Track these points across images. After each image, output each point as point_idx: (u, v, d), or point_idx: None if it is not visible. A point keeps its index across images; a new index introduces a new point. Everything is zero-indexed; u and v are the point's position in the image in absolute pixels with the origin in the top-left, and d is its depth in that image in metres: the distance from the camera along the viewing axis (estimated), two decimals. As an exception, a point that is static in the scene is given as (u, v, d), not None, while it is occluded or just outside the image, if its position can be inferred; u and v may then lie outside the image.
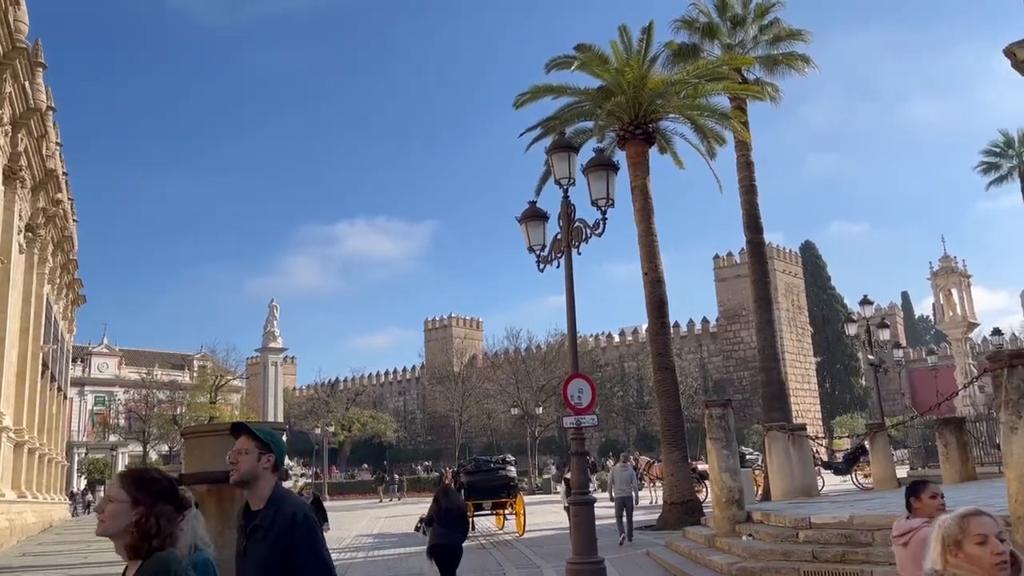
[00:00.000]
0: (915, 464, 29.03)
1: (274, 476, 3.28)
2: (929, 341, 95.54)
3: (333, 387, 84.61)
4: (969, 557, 2.60)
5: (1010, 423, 8.57)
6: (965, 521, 2.67)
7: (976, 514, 2.68)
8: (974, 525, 2.64)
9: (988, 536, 2.61)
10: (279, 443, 3.34)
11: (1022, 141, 41.05)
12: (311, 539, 3.15)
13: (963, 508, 2.76)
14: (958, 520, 2.69)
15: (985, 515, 2.68)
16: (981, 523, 2.64)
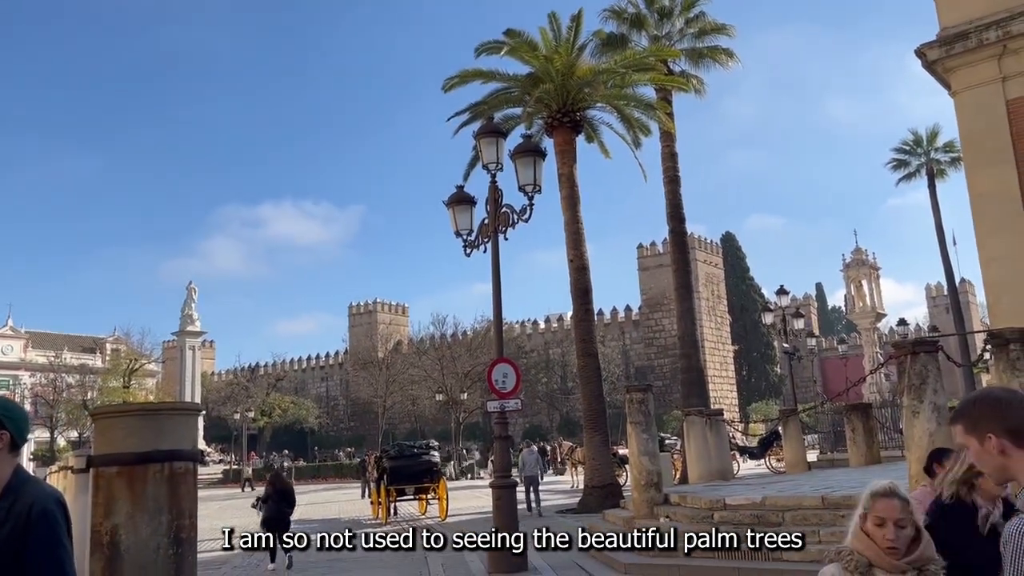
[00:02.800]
0: (824, 449, 30.23)
1: (12, 458, 2.64)
2: (841, 331, 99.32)
3: (253, 372, 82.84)
4: (865, 531, 2.70)
5: (912, 407, 9.00)
6: (873, 499, 2.74)
7: (884, 495, 2.73)
8: (879, 506, 2.71)
9: (886, 520, 2.68)
10: (15, 415, 2.70)
11: (930, 140, 42.86)
12: (48, 538, 2.54)
13: (879, 485, 2.80)
14: (869, 497, 2.75)
15: (895, 498, 2.72)
16: (885, 505, 2.70)
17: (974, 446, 2.06)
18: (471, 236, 13.36)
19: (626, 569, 10.67)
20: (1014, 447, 1.99)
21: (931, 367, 9.07)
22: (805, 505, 10.47)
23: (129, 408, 6.02)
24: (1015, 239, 12.63)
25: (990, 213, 12.98)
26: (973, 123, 13.37)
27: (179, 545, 4.49)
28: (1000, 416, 2.02)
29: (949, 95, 13.92)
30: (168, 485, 4.52)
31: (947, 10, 13.77)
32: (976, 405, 2.10)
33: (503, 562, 11.47)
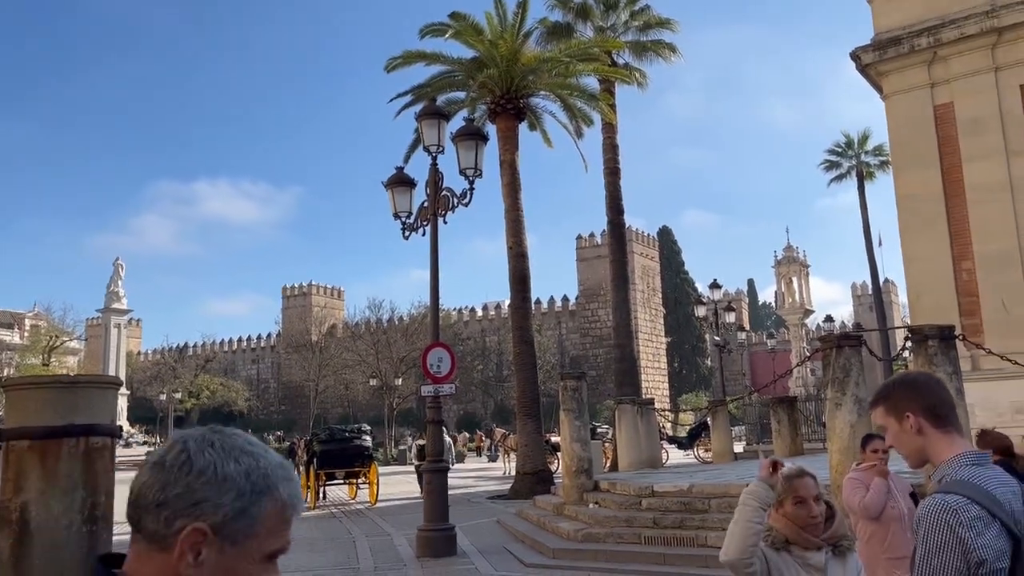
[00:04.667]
0: (751, 440, 31.05)
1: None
2: (770, 326, 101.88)
3: (182, 353, 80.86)
4: (788, 514, 2.83)
5: (835, 399, 9.26)
6: (788, 482, 2.90)
7: (799, 476, 2.91)
8: (795, 486, 2.87)
9: (806, 499, 2.85)
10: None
11: (861, 143, 44.19)
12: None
13: (789, 467, 2.98)
14: (784, 480, 2.90)
15: (807, 477, 2.91)
16: (803, 484, 2.88)
17: (893, 426, 2.11)
18: (410, 219, 13.22)
19: (554, 554, 10.75)
20: (931, 426, 2.05)
21: (854, 361, 9.34)
22: (731, 493, 10.70)
23: (43, 380, 5.77)
24: (937, 240, 13.09)
25: (914, 214, 13.43)
26: (902, 126, 13.79)
27: (94, 523, 4.33)
28: (918, 396, 2.07)
29: (881, 98, 14.33)
30: (83, 461, 4.34)
31: (882, 15, 14.16)
32: (896, 387, 2.15)
33: (432, 546, 11.44)
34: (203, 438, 1.14)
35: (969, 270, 12.86)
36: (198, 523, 1.07)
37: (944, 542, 1.84)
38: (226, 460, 1.11)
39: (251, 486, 1.11)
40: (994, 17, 12.79)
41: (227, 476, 1.10)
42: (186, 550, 1.07)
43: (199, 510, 1.08)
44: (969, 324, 12.37)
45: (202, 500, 1.08)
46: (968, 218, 12.91)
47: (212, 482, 1.09)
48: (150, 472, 1.10)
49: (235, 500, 1.09)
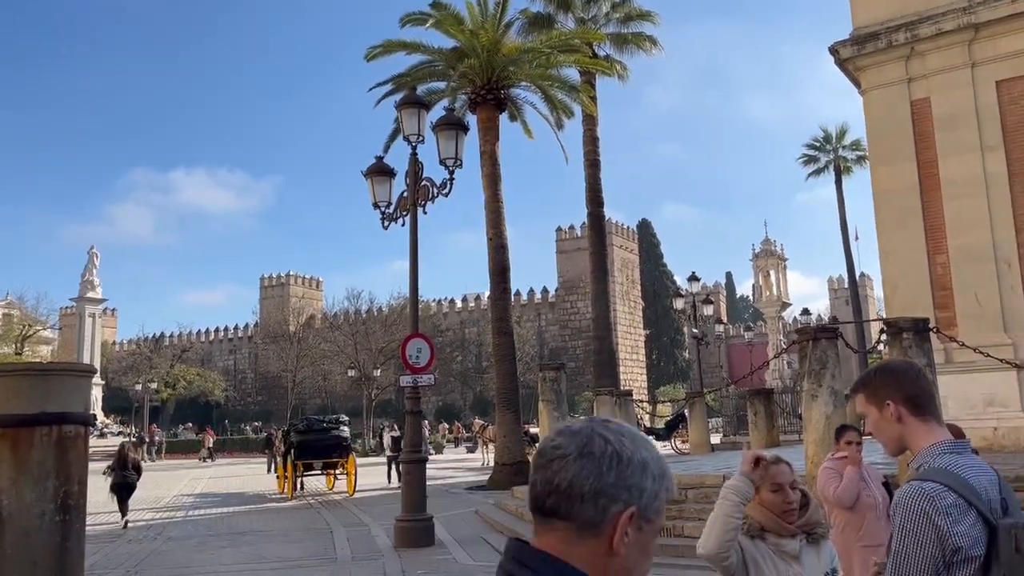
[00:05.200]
0: (728, 431, 31.27)
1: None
2: (747, 319, 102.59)
3: (158, 343, 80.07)
4: (763, 501, 2.85)
5: (811, 391, 9.35)
6: (764, 469, 2.89)
7: (775, 462, 2.92)
8: (772, 473, 2.88)
9: (782, 485, 2.87)
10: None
11: (839, 137, 44.56)
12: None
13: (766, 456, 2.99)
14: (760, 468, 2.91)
15: (783, 463, 2.93)
16: (778, 471, 2.90)
17: (873, 414, 2.12)
18: (389, 209, 13.16)
19: (532, 544, 10.77)
20: (910, 415, 2.06)
21: (830, 353, 9.43)
22: (707, 483, 10.78)
23: (15, 367, 5.68)
24: (912, 234, 13.21)
25: (891, 209, 13.54)
26: (879, 121, 13.89)
27: (66, 512, 4.27)
28: (899, 385, 2.08)
29: (859, 93, 14.41)
30: (56, 449, 4.28)
31: (861, 10, 14.23)
32: (877, 375, 2.16)
33: (410, 536, 11.44)
34: (611, 429, 1.21)
35: (944, 264, 13.00)
36: (631, 507, 1.16)
37: (920, 529, 1.85)
38: (640, 448, 1.20)
39: (659, 470, 1.21)
40: (971, 13, 12.90)
41: (645, 462, 1.19)
42: (622, 531, 1.15)
43: (629, 495, 1.16)
44: (943, 317, 12.52)
45: (632, 486, 1.16)
46: (943, 213, 13.04)
47: (637, 469, 1.17)
48: (580, 463, 1.17)
49: (652, 483, 1.18)
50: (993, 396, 12.12)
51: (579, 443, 1.19)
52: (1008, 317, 12.38)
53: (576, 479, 1.16)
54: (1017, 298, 12.39)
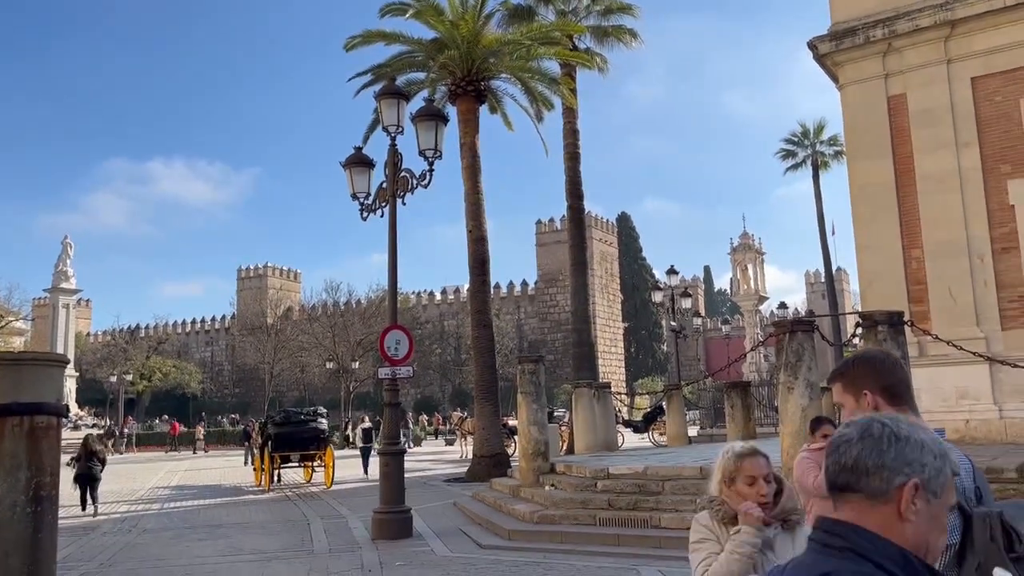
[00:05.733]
0: (705, 424, 31.49)
1: None
2: (725, 313, 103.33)
3: (133, 334, 79.23)
4: (739, 492, 2.86)
5: (787, 383, 9.41)
6: (741, 461, 2.95)
7: (751, 454, 2.95)
8: (747, 465, 2.92)
9: (757, 478, 2.90)
10: None
11: (817, 133, 44.91)
12: None
13: (741, 446, 3.03)
14: (736, 459, 2.96)
15: (759, 455, 2.96)
16: (754, 464, 2.92)
17: (850, 403, 2.13)
18: (368, 200, 13.08)
19: (510, 535, 10.80)
20: (886, 405, 2.08)
21: (807, 346, 9.50)
22: (684, 475, 10.85)
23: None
24: (888, 229, 13.34)
25: (867, 203, 13.65)
26: (856, 116, 13.99)
27: (38, 503, 4.22)
28: (876, 375, 2.10)
29: (837, 88, 14.51)
30: (28, 440, 4.23)
31: (839, 6, 14.31)
32: (854, 365, 2.18)
33: (388, 528, 11.41)
34: (889, 417, 1.43)
35: (918, 259, 13.14)
36: (912, 478, 1.36)
37: None
38: (917, 431, 1.40)
39: (939, 451, 1.40)
40: (947, 10, 13.01)
41: (923, 442, 1.39)
42: (908, 500, 1.36)
43: (910, 468, 1.37)
44: (917, 311, 12.66)
45: (912, 461, 1.37)
46: (919, 208, 13.17)
47: (915, 447, 1.38)
48: (862, 444, 1.39)
49: (934, 460, 1.38)
50: (965, 389, 12.29)
51: (860, 428, 1.41)
52: (980, 311, 12.55)
53: (860, 456, 1.38)
54: (989, 293, 12.56)
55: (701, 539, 2.90)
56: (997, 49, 12.81)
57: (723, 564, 2.75)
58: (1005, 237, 12.58)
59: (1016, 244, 12.46)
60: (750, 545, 2.72)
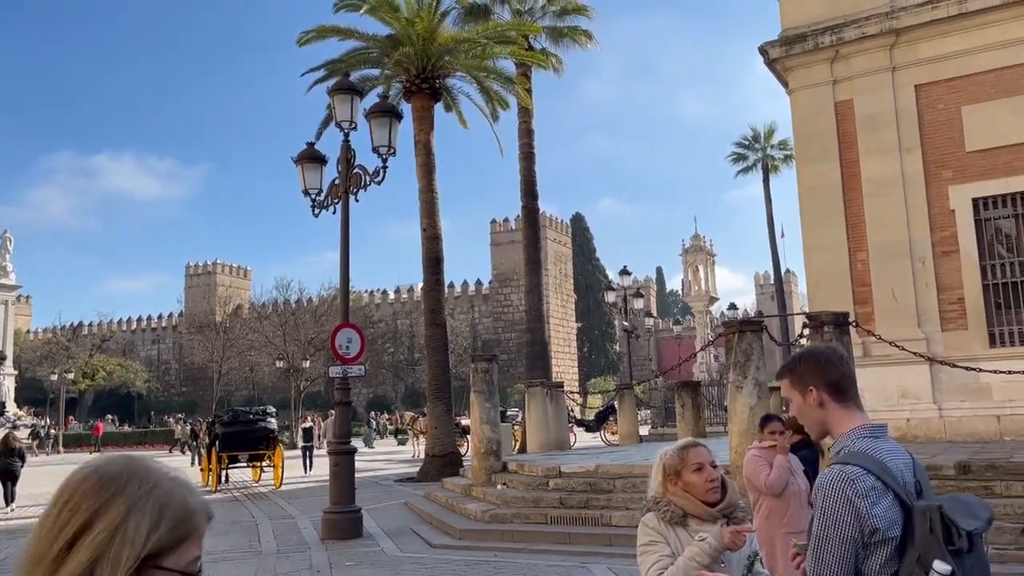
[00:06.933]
0: (656, 423, 31.82)
1: None
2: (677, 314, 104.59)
3: (75, 332, 77.20)
4: (686, 484, 2.89)
5: (736, 383, 9.55)
6: (684, 452, 2.97)
7: (693, 445, 3.00)
8: (691, 455, 2.94)
9: (703, 464, 2.92)
10: None
11: (767, 137, 45.74)
12: None
13: (682, 440, 3.08)
14: (678, 452, 2.98)
15: (701, 446, 3.00)
16: (697, 453, 2.95)
17: (797, 399, 2.16)
18: (320, 196, 12.92)
19: (461, 534, 10.76)
20: (832, 400, 2.10)
21: (755, 346, 9.65)
22: (635, 473, 10.93)
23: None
24: (835, 231, 13.63)
25: (815, 206, 13.93)
26: (805, 121, 14.26)
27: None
28: (822, 371, 2.13)
29: (787, 92, 14.77)
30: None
31: (790, 12, 14.57)
32: (801, 361, 2.20)
33: (338, 528, 11.29)
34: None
35: (864, 261, 13.45)
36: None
37: (841, 511, 1.89)
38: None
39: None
40: (893, 18, 13.34)
41: None
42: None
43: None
44: (862, 312, 12.95)
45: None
46: (864, 211, 13.48)
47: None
48: None
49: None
50: (907, 388, 12.62)
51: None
52: (922, 313, 12.89)
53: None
54: (930, 295, 12.91)
55: (650, 541, 2.90)
56: (941, 58, 13.18)
57: (680, 570, 2.75)
58: (946, 241, 12.94)
59: (956, 248, 12.84)
60: (710, 556, 2.72)
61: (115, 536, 1.03)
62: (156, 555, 1.06)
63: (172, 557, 1.07)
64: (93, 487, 1.07)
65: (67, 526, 1.03)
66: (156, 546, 1.05)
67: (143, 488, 1.08)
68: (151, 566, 1.05)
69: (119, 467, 1.11)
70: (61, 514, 1.05)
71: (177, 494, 1.11)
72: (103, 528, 1.03)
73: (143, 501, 1.07)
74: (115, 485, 1.07)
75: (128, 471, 1.10)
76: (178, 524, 1.09)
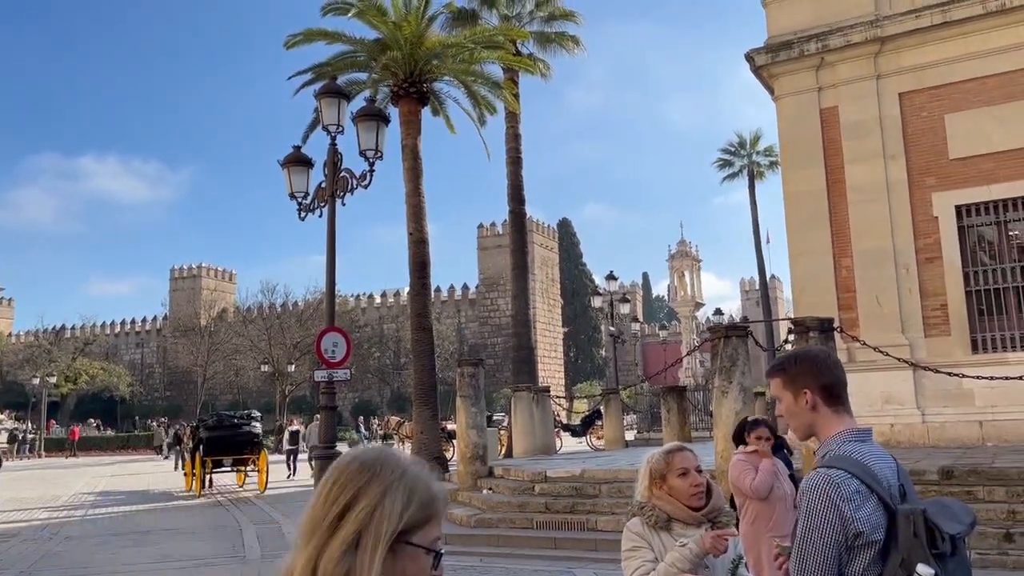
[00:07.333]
0: (642, 428, 31.88)
1: None
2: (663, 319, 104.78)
3: (58, 335, 76.43)
4: (671, 488, 2.90)
5: (722, 387, 9.59)
6: (670, 456, 2.98)
7: (679, 449, 3.01)
8: (677, 459, 2.96)
9: (688, 469, 2.93)
10: None
11: (753, 143, 46.01)
12: None
13: (668, 445, 3.09)
14: (664, 455, 2.98)
15: (687, 450, 3.01)
16: (683, 457, 2.97)
17: (788, 399, 2.15)
18: (307, 199, 12.87)
19: (446, 539, 10.71)
20: (824, 404, 2.11)
21: (741, 351, 9.70)
22: (620, 478, 10.94)
23: None
24: (820, 237, 13.72)
25: (800, 212, 14.02)
26: (791, 127, 14.36)
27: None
28: (817, 374, 2.12)
29: (773, 99, 14.87)
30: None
31: (776, 19, 14.68)
32: (796, 361, 2.19)
33: (323, 534, 11.21)
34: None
35: (848, 267, 13.54)
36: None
37: (825, 514, 1.90)
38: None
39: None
40: (877, 27, 13.46)
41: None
42: None
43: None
44: (846, 318, 13.04)
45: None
46: (849, 217, 13.58)
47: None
48: None
49: None
50: (891, 394, 12.70)
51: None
52: (905, 319, 12.99)
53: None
54: (914, 301, 13.01)
55: (634, 547, 2.90)
56: (924, 66, 13.30)
57: (660, 575, 2.75)
58: (929, 247, 13.05)
59: (939, 254, 12.95)
60: (691, 562, 2.73)
61: (375, 513, 1.23)
62: (406, 531, 1.25)
63: (419, 534, 1.26)
64: (356, 470, 1.28)
65: (337, 500, 1.25)
66: (407, 523, 1.24)
67: (395, 473, 1.28)
68: (403, 541, 1.24)
69: (375, 455, 1.33)
70: (332, 491, 1.27)
71: (422, 480, 1.30)
72: (365, 506, 1.24)
73: (396, 484, 1.26)
74: (372, 470, 1.28)
75: (382, 458, 1.31)
76: (424, 505, 1.27)
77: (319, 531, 1.25)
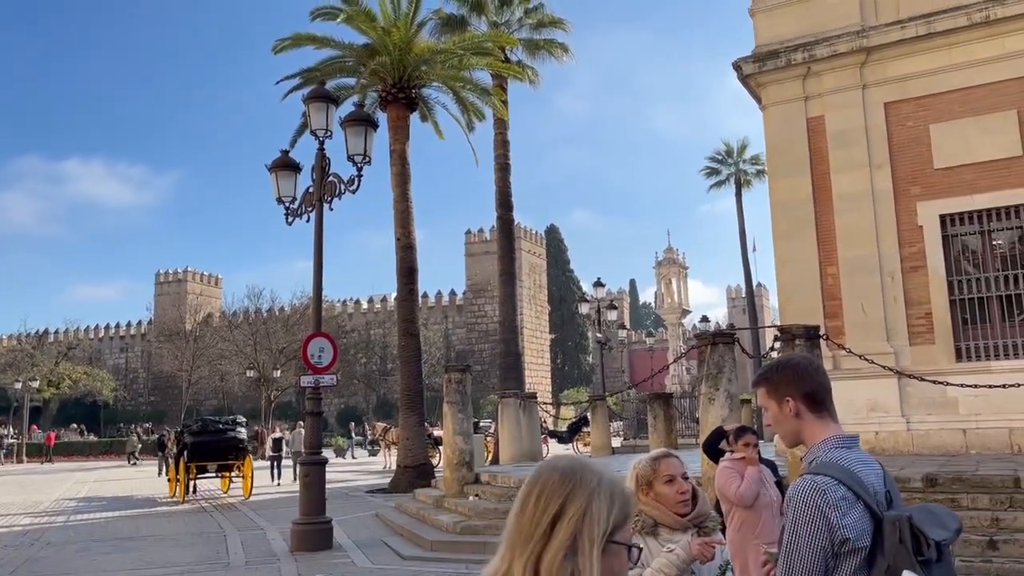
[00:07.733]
0: (628, 435, 31.89)
1: None
2: (649, 326, 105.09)
3: (41, 339, 75.73)
4: (657, 494, 2.90)
5: (708, 394, 9.61)
6: (656, 463, 2.98)
7: (665, 456, 3.01)
8: (663, 466, 2.95)
9: (675, 476, 2.93)
10: None
11: (740, 152, 46.26)
12: None
13: (655, 451, 3.09)
14: (650, 462, 2.98)
15: (673, 456, 2.99)
16: (669, 464, 2.96)
17: (773, 408, 2.17)
18: (294, 204, 12.84)
19: (432, 546, 10.69)
20: (808, 411, 2.12)
21: (727, 358, 9.72)
22: (607, 485, 10.92)
23: None
24: (806, 245, 13.78)
25: (786, 220, 14.08)
26: (778, 136, 14.43)
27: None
28: (799, 382, 2.14)
29: (760, 108, 14.94)
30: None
31: (763, 29, 14.76)
32: (778, 370, 2.21)
33: (308, 539, 11.17)
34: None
35: (834, 275, 13.60)
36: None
37: (812, 520, 1.90)
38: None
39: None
40: (863, 37, 13.55)
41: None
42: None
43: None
44: (832, 326, 13.09)
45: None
46: (834, 225, 13.65)
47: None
48: None
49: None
50: (876, 401, 12.76)
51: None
52: (890, 327, 13.06)
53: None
54: (899, 309, 13.08)
55: None
56: (910, 76, 13.41)
57: None
58: (914, 256, 13.13)
59: (923, 263, 13.03)
60: (677, 568, 2.73)
61: (585, 517, 1.34)
62: (611, 531, 1.35)
63: (621, 533, 1.37)
64: (559, 480, 1.38)
65: (547, 510, 1.35)
66: (613, 524, 1.35)
67: (594, 480, 1.38)
68: (609, 541, 1.35)
69: (570, 465, 1.43)
70: (539, 502, 1.36)
71: (617, 484, 1.41)
72: (574, 512, 1.34)
73: (598, 490, 1.37)
74: (573, 479, 1.38)
75: (580, 467, 1.42)
76: (623, 506, 1.39)
77: (533, 538, 1.34)
